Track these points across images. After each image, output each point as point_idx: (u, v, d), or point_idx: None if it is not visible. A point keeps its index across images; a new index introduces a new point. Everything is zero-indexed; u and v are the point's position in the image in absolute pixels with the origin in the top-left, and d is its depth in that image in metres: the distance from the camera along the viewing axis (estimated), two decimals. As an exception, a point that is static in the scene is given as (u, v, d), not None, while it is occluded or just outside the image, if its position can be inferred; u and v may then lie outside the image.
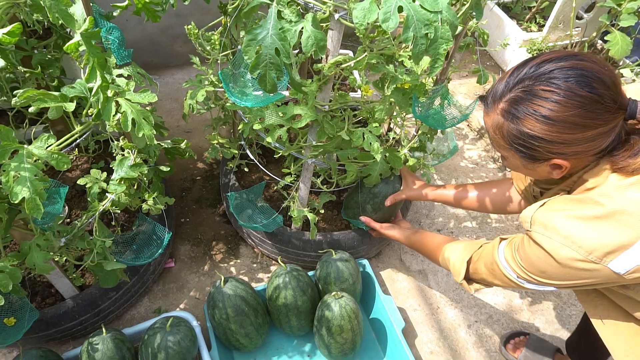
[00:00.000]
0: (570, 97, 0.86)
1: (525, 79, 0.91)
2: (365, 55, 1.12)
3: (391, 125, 2.05)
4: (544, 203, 0.96)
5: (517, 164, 1.02)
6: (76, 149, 1.32)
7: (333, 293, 1.52)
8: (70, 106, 1.07)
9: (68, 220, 1.74)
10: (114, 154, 1.46)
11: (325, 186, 1.61)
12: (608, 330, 1.08)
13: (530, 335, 1.74)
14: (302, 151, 1.47)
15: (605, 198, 0.89)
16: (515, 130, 0.93)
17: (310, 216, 1.54)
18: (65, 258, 1.40)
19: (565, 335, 1.81)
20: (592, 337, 1.45)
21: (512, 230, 2.17)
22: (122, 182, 1.37)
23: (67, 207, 1.75)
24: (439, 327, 1.81)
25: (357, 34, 1.05)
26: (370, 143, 1.23)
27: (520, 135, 0.92)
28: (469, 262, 1.19)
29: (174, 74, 2.78)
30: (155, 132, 1.28)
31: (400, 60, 1.32)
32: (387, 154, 1.33)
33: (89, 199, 1.39)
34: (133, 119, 1.17)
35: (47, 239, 1.19)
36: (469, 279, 1.22)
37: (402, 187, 1.62)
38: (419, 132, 1.61)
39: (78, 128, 1.16)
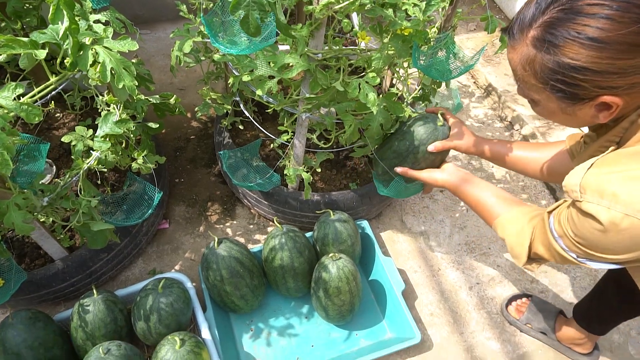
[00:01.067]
0: (626, 9, 0.68)
1: None
2: (361, -4, 1.02)
3: (394, 81, 1.95)
4: (592, 164, 0.79)
5: (553, 108, 0.83)
6: (52, 102, 1.24)
7: (330, 254, 1.47)
8: (41, 53, 0.98)
9: (56, 180, 1.68)
10: (99, 110, 1.38)
11: (322, 142, 1.53)
12: None
13: (533, 297, 1.70)
14: (297, 106, 1.39)
15: None
16: (552, 63, 0.75)
17: (304, 175, 1.47)
18: (51, 219, 1.35)
19: (569, 297, 1.76)
20: (604, 306, 1.39)
21: (517, 189, 2.10)
22: (107, 139, 1.30)
23: (54, 167, 1.69)
24: (439, 289, 1.77)
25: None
26: (367, 95, 1.14)
27: (559, 69, 0.74)
28: (529, 247, 1.01)
29: (166, 28, 2.66)
30: (137, 84, 1.19)
31: (404, 8, 1.21)
32: (384, 103, 1.24)
33: (73, 157, 1.33)
34: (112, 69, 1.08)
35: (27, 197, 1.13)
36: (529, 258, 1.04)
37: (450, 135, 1.33)
38: (421, 82, 1.51)
39: (53, 79, 1.08)
